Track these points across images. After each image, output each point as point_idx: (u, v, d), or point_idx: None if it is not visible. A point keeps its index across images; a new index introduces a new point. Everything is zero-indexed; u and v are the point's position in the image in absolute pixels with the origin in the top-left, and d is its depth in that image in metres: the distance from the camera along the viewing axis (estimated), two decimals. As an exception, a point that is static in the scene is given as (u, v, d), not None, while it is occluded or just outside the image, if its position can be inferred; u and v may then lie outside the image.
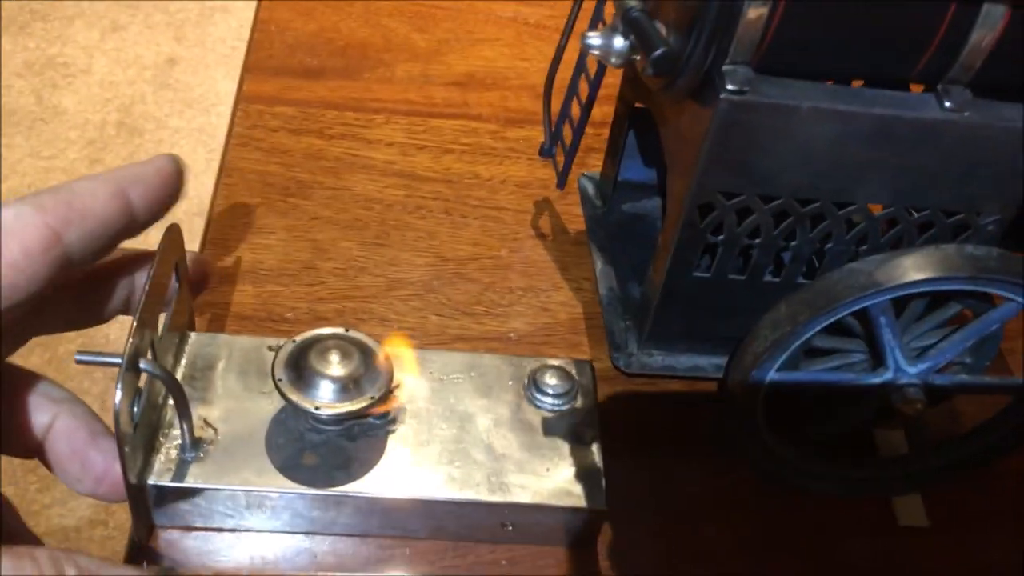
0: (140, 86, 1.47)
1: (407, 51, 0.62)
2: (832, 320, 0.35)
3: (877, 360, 0.37)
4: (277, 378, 0.34)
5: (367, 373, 0.34)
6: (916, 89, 0.36)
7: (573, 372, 0.39)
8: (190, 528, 0.36)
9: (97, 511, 0.91)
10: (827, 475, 0.40)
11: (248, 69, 0.58)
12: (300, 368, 0.34)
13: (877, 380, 0.37)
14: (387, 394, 0.35)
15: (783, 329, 0.35)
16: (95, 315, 0.33)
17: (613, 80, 0.46)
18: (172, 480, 0.33)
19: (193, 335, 0.38)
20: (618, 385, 0.44)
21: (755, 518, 0.40)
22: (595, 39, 0.35)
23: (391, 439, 0.36)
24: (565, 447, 0.36)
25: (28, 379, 0.31)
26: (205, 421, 0.35)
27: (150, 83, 1.48)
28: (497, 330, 0.45)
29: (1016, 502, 0.42)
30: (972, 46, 0.33)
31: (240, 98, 0.55)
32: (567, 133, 0.48)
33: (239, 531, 0.36)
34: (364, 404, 0.34)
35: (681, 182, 0.37)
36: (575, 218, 0.51)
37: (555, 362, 0.39)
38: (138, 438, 0.32)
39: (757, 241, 0.38)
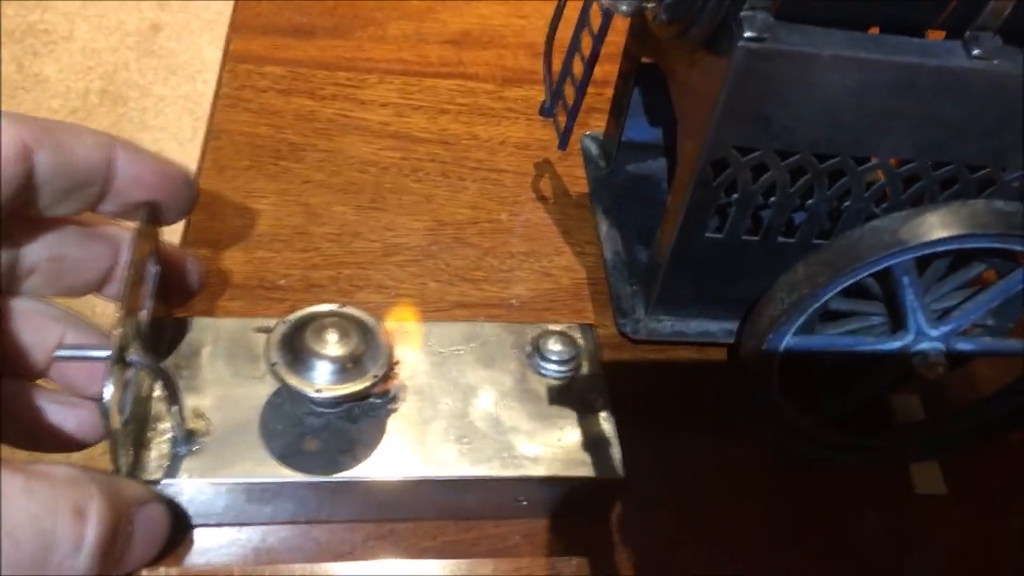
0: (123, 53, 1.44)
1: (400, 8, 0.59)
2: (853, 281, 0.33)
3: (897, 323, 0.35)
4: (272, 362, 0.32)
5: (367, 351, 0.33)
6: (941, 36, 0.34)
7: (577, 337, 0.37)
8: (189, 526, 0.34)
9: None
10: (843, 445, 0.39)
11: (235, 28, 0.55)
12: (296, 350, 0.32)
13: (898, 344, 0.36)
14: (388, 372, 0.33)
15: (801, 291, 0.33)
16: (69, 280, 0.32)
17: (615, 39, 0.44)
18: (167, 476, 0.31)
19: (176, 320, 0.36)
20: (624, 352, 0.42)
21: (767, 492, 0.38)
22: (612, -9, 0.33)
23: (394, 418, 0.34)
24: (574, 415, 0.35)
25: (29, 303, 0.31)
26: (196, 412, 0.33)
27: (133, 50, 1.45)
28: (498, 296, 0.44)
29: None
30: (1002, -11, 0.31)
31: (227, 57, 0.53)
32: (569, 92, 0.46)
33: (241, 525, 0.34)
34: (366, 384, 0.32)
35: (693, 138, 0.35)
36: (577, 180, 0.49)
37: (557, 327, 0.37)
38: (128, 434, 0.30)
39: (772, 200, 0.36)
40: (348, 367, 0.32)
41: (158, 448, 0.32)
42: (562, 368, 0.36)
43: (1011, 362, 0.39)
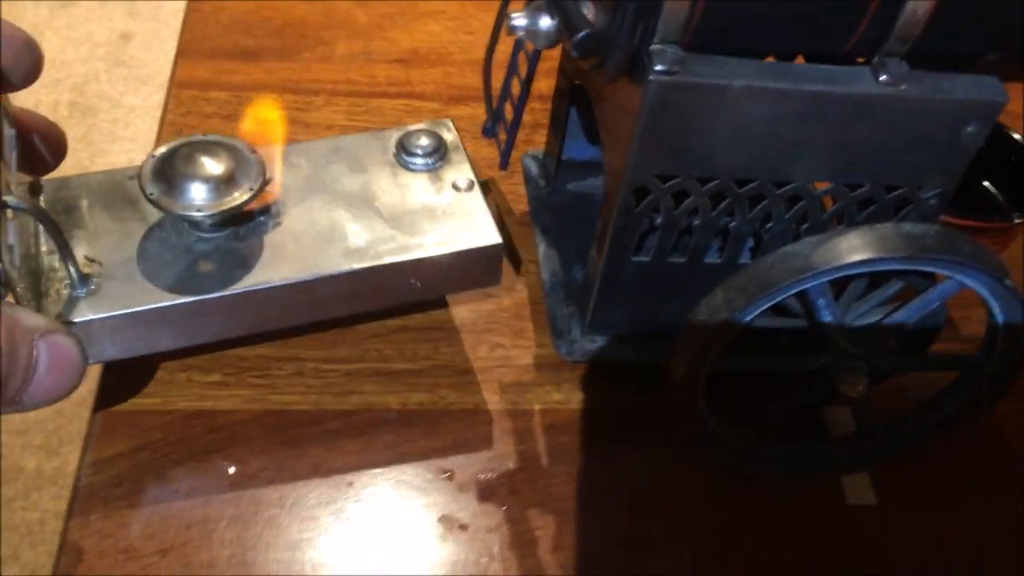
0: (93, 64, 1.43)
1: (348, 27, 0.60)
2: (769, 305, 0.34)
3: (818, 342, 0.36)
4: (149, 193, 0.33)
5: (239, 169, 0.34)
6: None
7: (438, 130, 0.40)
8: (107, 362, 0.35)
9: (60, 503, 0.90)
10: (775, 458, 0.40)
11: (181, 52, 0.56)
12: (170, 178, 0.33)
13: (819, 362, 0.36)
14: (264, 184, 0.34)
15: (720, 316, 0.34)
16: None
17: (555, 53, 0.44)
18: (73, 317, 0.32)
19: (45, 182, 0.36)
20: (564, 372, 0.43)
21: (702, 506, 0.39)
22: (520, 20, 0.34)
23: (281, 230, 0.36)
24: (449, 199, 0.38)
25: None
26: (87, 258, 0.34)
27: (103, 60, 1.44)
28: (439, 318, 0.44)
29: (963, 474, 0.42)
30: (907, 16, 0.32)
31: (172, 84, 0.54)
32: (509, 111, 0.46)
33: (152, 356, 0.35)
34: (244, 197, 0.33)
35: (616, 164, 0.36)
36: (520, 198, 0.50)
37: (418, 126, 0.40)
38: (24, 277, 0.31)
39: (696, 223, 0.37)
40: (223, 186, 0.33)
41: (56, 295, 0.33)
42: (428, 160, 0.39)
43: (938, 374, 0.40)
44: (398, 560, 0.36)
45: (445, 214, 0.37)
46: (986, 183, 0.55)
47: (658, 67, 0.32)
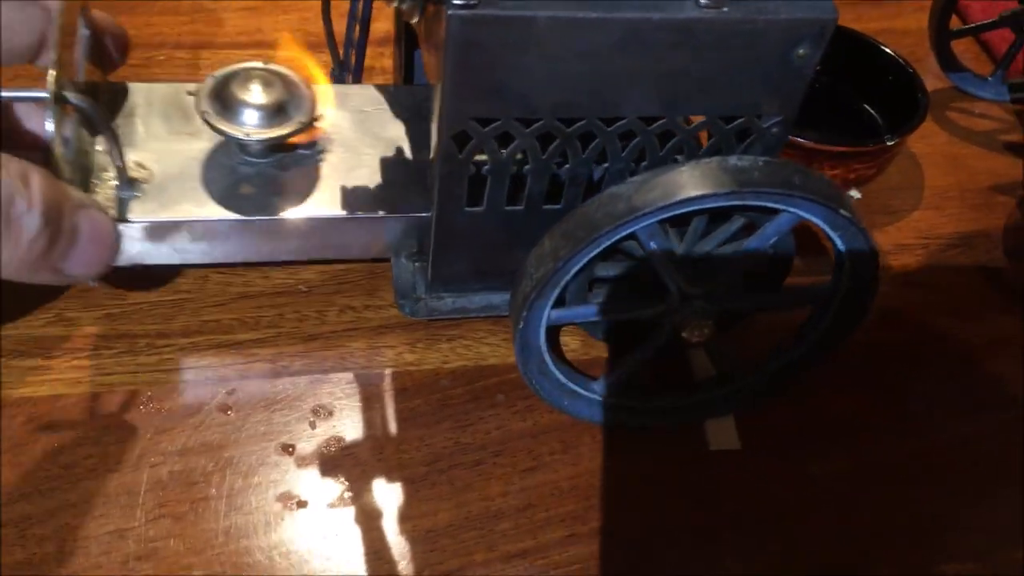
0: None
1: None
2: (599, 250, 0.32)
3: (660, 286, 0.34)
4: (203, 110, 0.34)
5: (291, 100, 0.35)
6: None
7: None
8: (136, 266, 0.35)
9: None
10: (636, 408, 0.38)
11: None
12: (224, 100, 0.34)
13: (662, 307, 0.35)
14: (312, 121, 0.35)
15: (547, 266, 0.32)
16: (4, 46, 0.33)
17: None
18: (116, 216, 0.33)
19: (110, 84, 0.37)
20: (417, 332, 0.41)
21: (560, 462, 0.38)
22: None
23: (322, 167, 0.37)
24: None
25: None
26: (137, 163, 0.35)
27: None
28: (285, 283, 0.42)
29: (826, 415, 0.41)
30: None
31: None
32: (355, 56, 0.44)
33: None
34: (292, 129, 0.34)
35: (436, 111, 0.33)
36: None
37: None
38: (74, 169, 0.32)
39: (528, 168, 0.34)
40: (274, 114, 0.34)
41: (104, 192, 0.34)
42: None
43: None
44: (232, 544, 0.34)
45: None
46: (865, 105, 0.54)
47: (456, 1, 0.29)
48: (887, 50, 0.52)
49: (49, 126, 0.30)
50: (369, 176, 0.37)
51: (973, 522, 0.38)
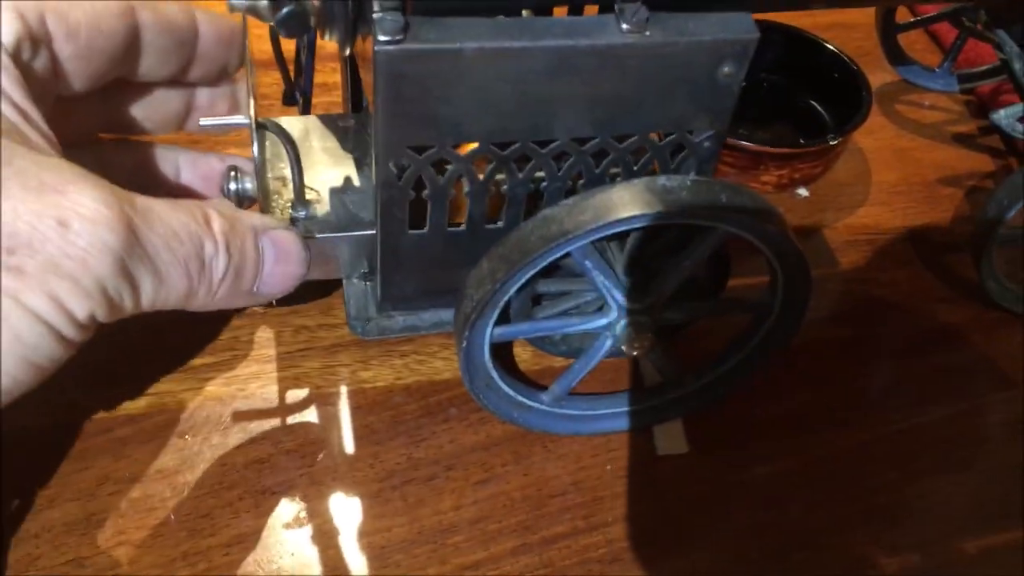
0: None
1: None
2: (535, 271, 0.33)
3: (601, 300, 0.35)
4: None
5: None
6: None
7: None
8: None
9: None
10: (585, 416, 0.39)
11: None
12: None
13: (604, 321, 0.36)
14: None
15: (485, 288, 0.33)
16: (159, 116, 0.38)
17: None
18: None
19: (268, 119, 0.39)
20: (371, 349, 0.42)
21: (515, 473, 0.39)
22: (238, -4, 0.31)
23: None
24: None
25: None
26: (306, 186, 0.37)
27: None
28: (241, 305, 0.43)
29: (774, 414, 0.42)
30: (639, -43, 0.30)
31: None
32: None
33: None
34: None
35: (373, 138, 0.34)
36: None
37: None
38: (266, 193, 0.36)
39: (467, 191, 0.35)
40: None
41: (281, 213, 0.37)
42: None
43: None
44: (189, 568, 0.35)
45: None
46: (813, 102, 0.55)
47: (380, 36, 0.30)
48: (831, 47, 0.53)
49: (255, 148, 0.34)
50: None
51: (918, 514, 0.40)
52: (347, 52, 0.32)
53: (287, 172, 0.37)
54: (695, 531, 0.38)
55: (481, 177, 0.34)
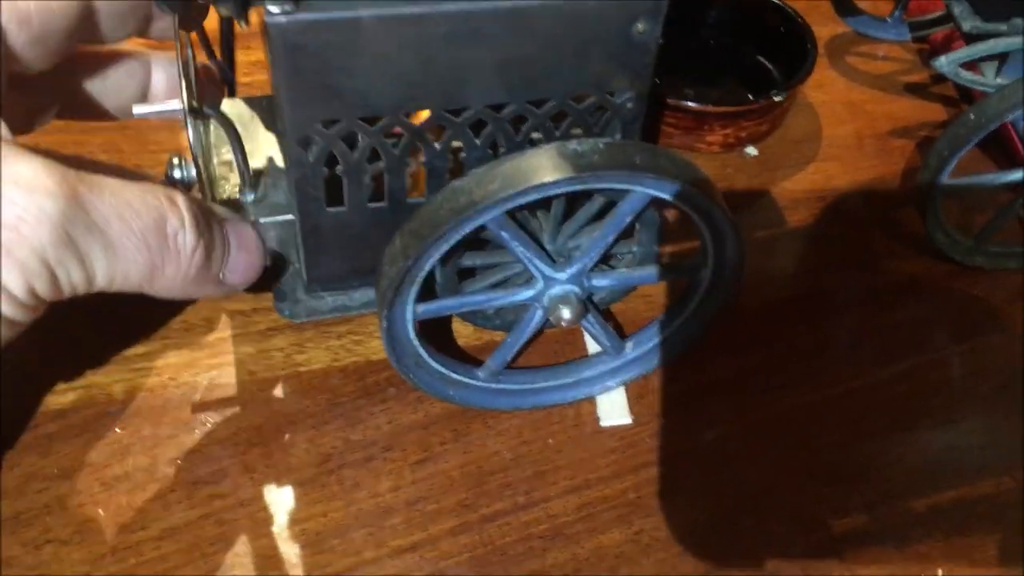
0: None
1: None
2: (449, 246, 0.32)
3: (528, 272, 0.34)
4: None
5: None
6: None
7: None
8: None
9: None
10: (524, 390, 0.38)
11: None
12: None
13: (530, 292, 0.35)
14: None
15: (398, 265, 0.32)
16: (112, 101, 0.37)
17: None
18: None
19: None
20: (307, 331, 0.41)
21: (454, 451, 0.38)
22: (124, -28, 0.30)
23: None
24: None
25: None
26: (253, 169, 0.36)
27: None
28: (172, 293, 0.42)
29: (721, 377, 0.41)
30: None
31: None
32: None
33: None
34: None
35: (279, 117, 0.33)
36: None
37: None
38: (205, 180, 0.35)
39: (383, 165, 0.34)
40: None
41: (229, 198, 0.36)
42: None
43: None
44: (119, 563, 0.34)
45: None
46: (762, 58, 0.53)
47: (271, 8, 0.29)
48: (775, 1, 0.52)
49: (191, 135, 0.33)
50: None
51: (867, 474, 0.39)
52: (245, 26, 0.31)
53: (230, 156, 0.36)
54: (641, 501, 0.37)
55: (396, 151, 0.33)
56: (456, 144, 0.34)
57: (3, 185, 0.26)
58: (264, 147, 0.38)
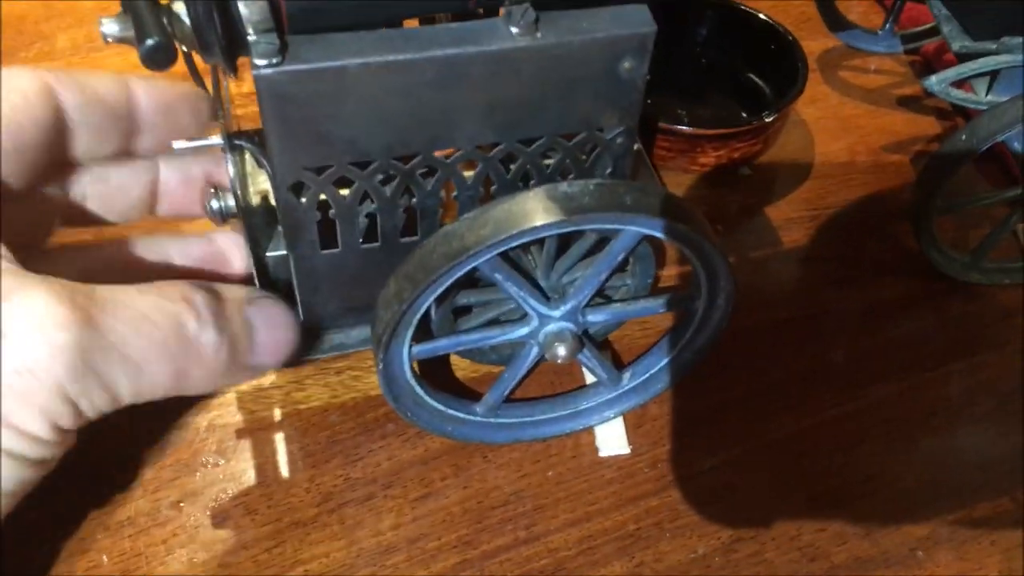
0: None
1: (70, 15, 0.55)
2: (441, 289, 0.32)
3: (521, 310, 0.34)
4: None
5: None
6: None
7: None
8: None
9: None
10: (522, 423, 0.39)
11: None
12: None
13: (525, 330, 0.35)
14: None
15: (393, 309, 0.32)
16: (120, 205, 0.36)
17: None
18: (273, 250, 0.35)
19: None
20: (304, 369, 0.41)
21: (454, 486, 0.38)
22: (111, 27, 0.30)
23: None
24: None
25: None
26: None
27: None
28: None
29: (718, 404, 0.41)
30: (527, -43, 0.29)
31: None
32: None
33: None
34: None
35: (269, 162, 0.33)
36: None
37: None
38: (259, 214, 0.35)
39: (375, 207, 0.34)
40: None
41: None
42: None
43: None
44: (122, 611, 0.34)
45: None
46: (753, 76, 0.54)
47: (257, 61, 0.29)
48: (763, 17, 0.52)
49: (231, 168, 0.33)
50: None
51: (866, 497, 0.39)
52: (233, 76, 0.31)
53: (267, 185, 0.36)
54: (641, 532, 0.37)
55: (389, 193, 0.33)
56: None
57: (11, 324, 0.25)
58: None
